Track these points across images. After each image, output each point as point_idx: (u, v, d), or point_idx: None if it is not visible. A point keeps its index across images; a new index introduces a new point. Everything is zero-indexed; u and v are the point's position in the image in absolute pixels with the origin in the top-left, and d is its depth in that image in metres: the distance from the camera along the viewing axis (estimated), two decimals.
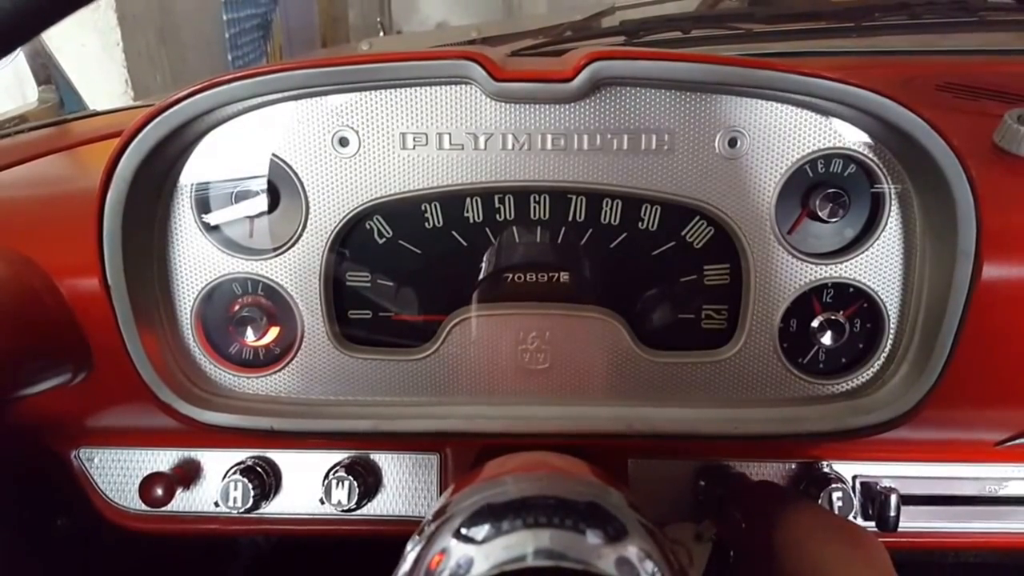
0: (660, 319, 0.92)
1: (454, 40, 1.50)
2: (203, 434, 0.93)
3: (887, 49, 1.35)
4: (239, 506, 0.99)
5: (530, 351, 0.92)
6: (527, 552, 0.53)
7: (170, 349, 0.90)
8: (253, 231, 0.89)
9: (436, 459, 1.03)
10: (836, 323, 0.89)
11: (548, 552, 0.53)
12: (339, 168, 0.86)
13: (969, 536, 1.04)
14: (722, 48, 1.40)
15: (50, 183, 1.12)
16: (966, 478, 1.03)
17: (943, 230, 0.82)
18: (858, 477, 1.01)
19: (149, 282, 0.88)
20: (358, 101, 0.84)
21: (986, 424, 0.99)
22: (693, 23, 1.48)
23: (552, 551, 0.53)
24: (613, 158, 0.85)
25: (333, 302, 0.91)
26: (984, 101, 1.14)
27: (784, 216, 0.87)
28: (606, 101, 0.83)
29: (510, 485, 0.65)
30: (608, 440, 0.92)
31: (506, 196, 0.88)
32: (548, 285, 0.91)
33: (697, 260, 0.90)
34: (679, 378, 0.92)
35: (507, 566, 0.52)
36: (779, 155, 0.85)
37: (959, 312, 0.83)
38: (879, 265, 0.88)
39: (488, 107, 0.83)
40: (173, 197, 0.88)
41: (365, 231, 0.90)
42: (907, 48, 1.43)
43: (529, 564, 0.52)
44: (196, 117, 0.82)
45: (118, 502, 1.07)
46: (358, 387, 0.93)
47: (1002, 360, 0.90)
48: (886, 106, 0.78)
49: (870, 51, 1.38)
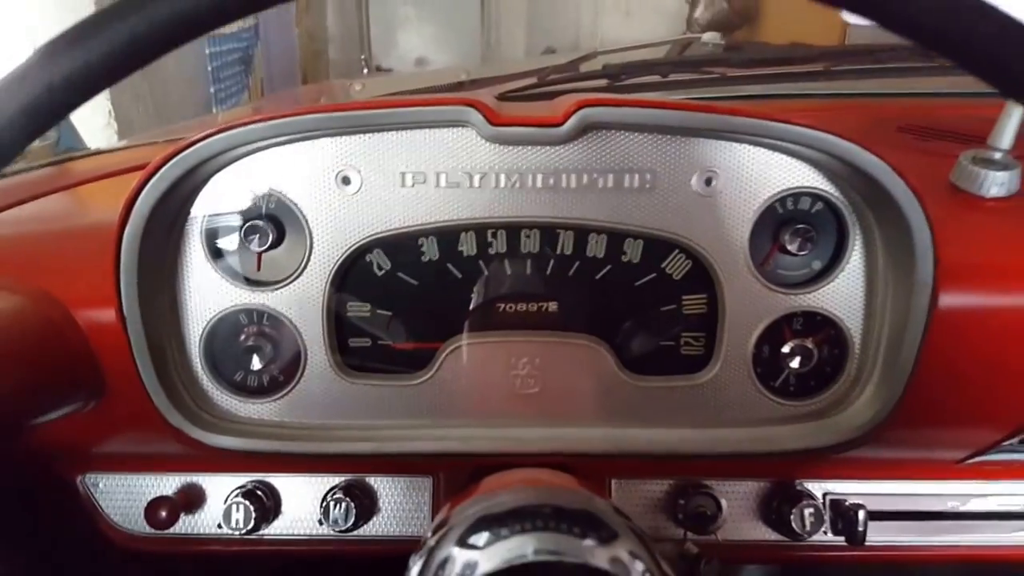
0: (642, 345, 0.97)
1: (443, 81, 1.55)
2: (205, 459, 0.97)
3: (853, 92, 1.42)
4: (241, 527, 1.02)
5: (521, 376, 0.97)
6: (528, 553, 0.58)
7: (180, 376, 0.94)
8: (259, 264, 0.94)
9: (429, 481, 1.06)
10: (805, 349, 0.94)
11: (548, 551, 0.58)
12: (342, 205, 0.91)
13: (934, 550, 1.08)
14: (699, 91, 1.46)
15: (60, 219, 1.15)
16: (930, 494, 1.07)
17: (903, 263, 0.88)
18: (828, 494, 1.05)
19: (161, 313, 0.92)
20: (361, 142, 0.89)
21: (948, 443, 1.03)
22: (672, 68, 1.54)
23: (552, 551, 0.58)
24: (599, 195, 0.90)
25: (334, 331, 0.95)
26: (942, 142, 1.20)
27: (757, 249, 0.92)
28: (593, 143, 0.88)
29: (506, 497, 0.70)
30: (593, 460, 0.97)
31: (498, 231, 0.93)
32: (538, 314, 0.96)
33: (676, 290, 0.95)
34: (660, 401, 0.97)
35: (512, 561, 0.57)
36: (752, 193, 0.90)
37: (918, 338, 0.88)
38: (844, 295, 0.93)
39: (483, 148, 0.89)
40: (185, 232, 0.92)
41: (365, 264, 0.94)
42: (872, 91, 1.50)
43: (530, 560, 0.57)
44: (210, 158, 0.87)
45: (124, 525, 1.09)
46: (358, 412, 0.98)
47: (960, 383, 0.95)
48: (850, 150, 0.84)
49: (837, 93, 1.44)
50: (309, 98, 2.13)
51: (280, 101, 2.07)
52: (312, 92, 2.20)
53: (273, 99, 2.15)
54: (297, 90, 1.92)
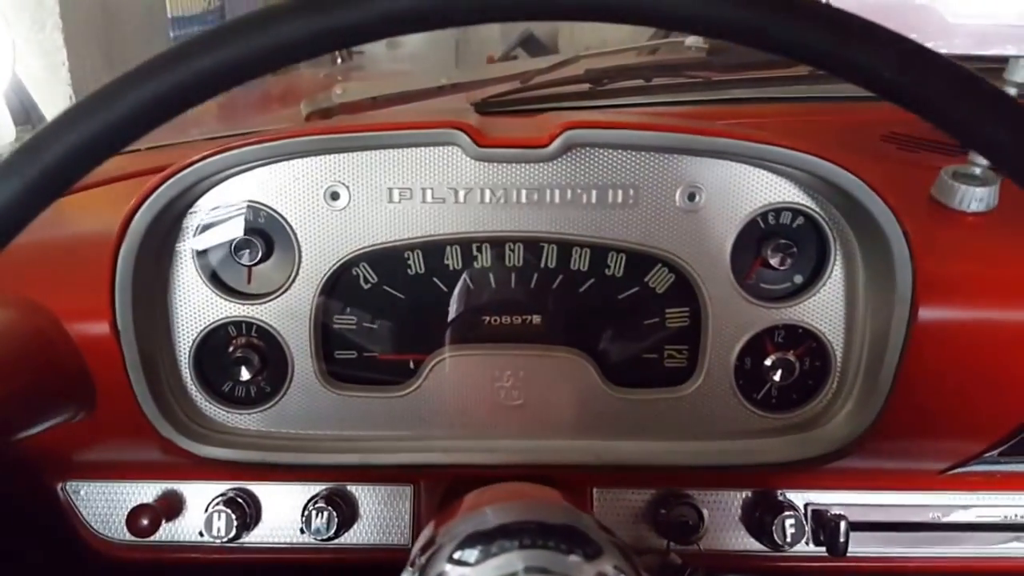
0: (625, 358, 0.99)
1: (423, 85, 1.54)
2: (188, 467, 0.98)
3: (837, 95, 1.42)
4: (222, 535, 1.02)
5: (505, 388, 0.98)
6: (518, 570, 0.59)
7: (170, 387, 0.95)
8: (250, 278, 0.95)
9: (410, 490, 1.07)
10: (787, 362, 0.95)
11: (537, 569, 0.59)
12: (330, 220, 0.92)
13: (916, 561, 1.09)
14: (682, 95, 1.46)
15: (49, 228, 1.14)
16: (913, 505, 1.07)
17: (883, 277, 0.89)
18: (810, 505, 1.05)
19: (153, 326, 0.93)
20: (350, 160, 0.90)
21: (928, 454, 1.04)
22: (654, 72, 1.54)
23: (541, 568, 0.60)
24: (583, 211, 0.92)
25: (321, 343, 0.97)
26: (925, 152, 1.21)
27: (739, 264, 0.94)
28: (577, 160, 0.90)
29: (492, 514, 0.71)
30: (576, 471, 0.98)
31: (483, 245, 0.94)
32: (522, 327, 0.97)
33: (659, 304, 0.96)
34: (644, 413, 0.98)
35: None
36: (734, 208, 0.92)
37: (898, 351, 0.90)
38: (825, 308, 0.95)
39: (469, 166, 0.90)
40: (176, 247, 0.93)
41: (352, 277, 0.95)
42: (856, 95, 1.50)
43: None
44: (205, 177, 0.88)
45: (105, 533, 1.09)
46: (343, 422, 0.99)
47: (940, 394, 0.96)
48: (830, 170, 0.85)
49: (822, 97, 1.45)
50: (279, 91, 2.12)
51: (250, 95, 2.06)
52: (281, 84, 2.18)
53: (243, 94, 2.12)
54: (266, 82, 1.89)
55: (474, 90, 1.54)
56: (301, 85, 2.15)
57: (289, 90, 2.11)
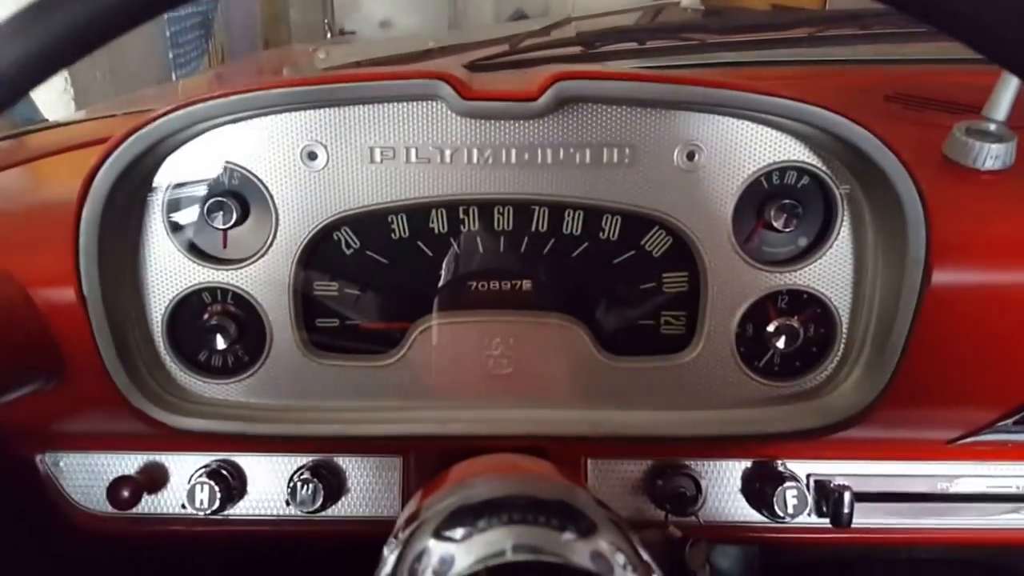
0: (620, 325, 0.95)
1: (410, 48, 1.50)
2: (169, 438, 0.94)
3: (837, 59, 1.38)
4: (205, 507, 1.00)
5: (494, 357, 0.94)
6: (506, 548, 0.56)
7: (142, 356, 0.92)
8: (223, 242, 0.91)
9: (399, 461, 1.05)
10: (791, 328, 0.91)
11: (527, 547, 0.55)
12: (308, 181, 0.88)
13: (921, 532, 1.07)
14: (677, 58, 1.42)
15: (18, 195, 1.12)
16: (918, 475, 1.05)
17: (893, 239, 0.85)
18: (812, 475, 1.03)
19: (122, 292, 0.89)
20: (327, 116, 0.86)
21: (937, 423, 1.01)
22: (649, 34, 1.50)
23: (530, 546, 0.56)
24: (576, 171, 0.87)
25: (301, 310, 0.93)
26: (931, 111, 1.17)
27: (740, 226, 0.89)
28: (569, 117, 0.85)
29: (480, 487, 0.67)
30: (569, 442, 0.95)
31: (471, 208, 0.90)
32: (512, 293, 0.93)
33: (656, 268, 0.92)
34: (640, 382, 0.95)
35: (489, 561, 0.54)
36: (736, 168, 0.87)
37: (909, 317, 0.86)
38: (832, 273, 0.91)
39: (455, 123, 0.85)
40: (145, 210, 0.89)
41: (333, 242, 0.91)
42: (856, 58, 1.46)
43: (509, 559, 0.54)
44: (171, 134, 0.84)
45: (85, 505, 1.07)
46: (326, 392, 0.95)
47: (952, 362, 0.92)
48: (839, 123, 0.81)
49: (821, 60, 1.40)
50: (271, 64, 2.08)
51: (240, 67, 2.03)
52: (274, 58, 2.15)
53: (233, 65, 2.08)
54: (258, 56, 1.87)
55: (463, 53, 1.50)
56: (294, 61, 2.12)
57: (280, 66, 2.07)
